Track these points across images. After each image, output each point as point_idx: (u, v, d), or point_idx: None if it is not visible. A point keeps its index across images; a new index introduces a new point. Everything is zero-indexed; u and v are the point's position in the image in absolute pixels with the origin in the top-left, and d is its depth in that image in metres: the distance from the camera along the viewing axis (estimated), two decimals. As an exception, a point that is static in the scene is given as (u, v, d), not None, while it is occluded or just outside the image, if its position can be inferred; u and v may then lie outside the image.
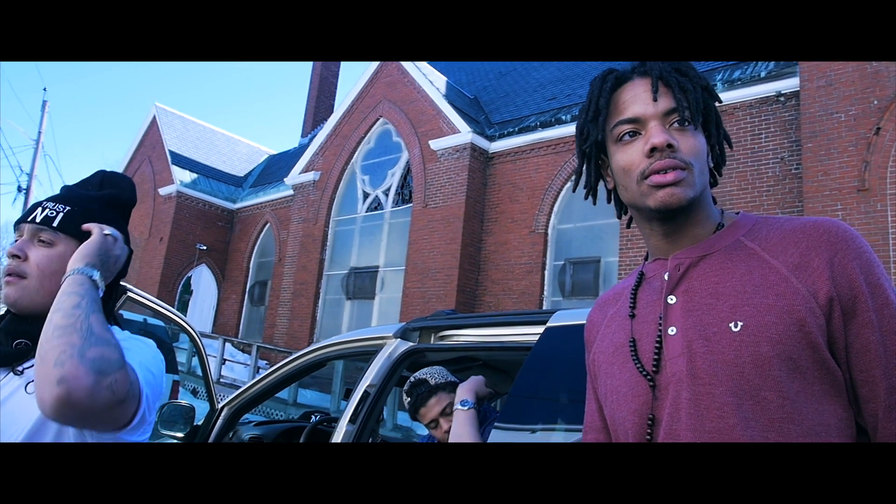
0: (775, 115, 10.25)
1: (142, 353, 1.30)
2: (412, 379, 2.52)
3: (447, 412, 2.43)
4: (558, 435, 1.78)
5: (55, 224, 1.33)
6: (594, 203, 1.22)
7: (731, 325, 0.94)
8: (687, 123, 1.03)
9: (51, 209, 1.35)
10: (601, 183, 1.19)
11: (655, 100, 1.04)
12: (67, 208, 1.35)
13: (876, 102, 8.61)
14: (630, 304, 1.12)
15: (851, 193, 8.59)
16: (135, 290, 2.66)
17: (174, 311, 3.07)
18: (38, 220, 1.33)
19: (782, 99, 10.19)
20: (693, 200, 1.03)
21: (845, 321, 0.93)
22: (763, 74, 10.34)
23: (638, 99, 1.05)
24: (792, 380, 0.90)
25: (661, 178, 1.01)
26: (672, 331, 1.01)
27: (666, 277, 1.06)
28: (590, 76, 14.14)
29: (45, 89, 24.66)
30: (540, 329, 2.02)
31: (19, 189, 21.79)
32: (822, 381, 0.91)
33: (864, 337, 0.92)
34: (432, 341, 2.57)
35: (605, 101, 1.09)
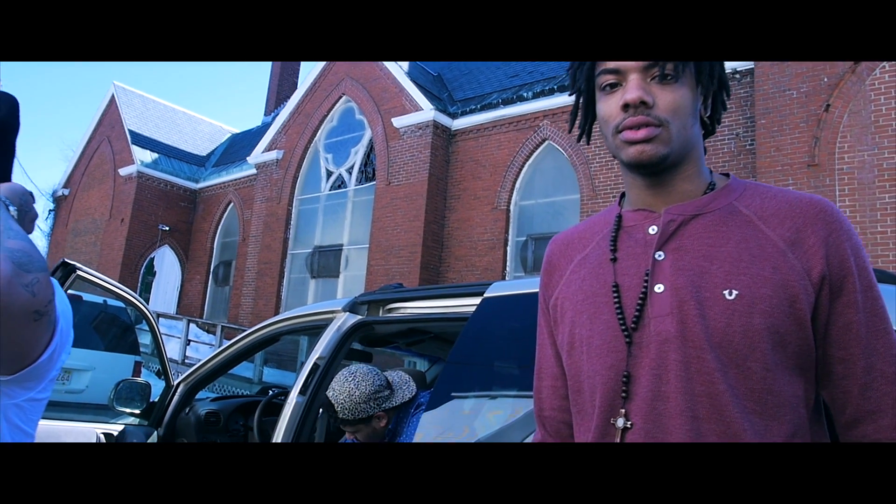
0: (731, 92, 10.42)
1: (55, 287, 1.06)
2: (327, 397, 2.50)
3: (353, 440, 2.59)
4: (493, 401, 1.87)
5: None
6: (587, 143, 1.16)
7: (726, 292, 0.93)
8: (669, 77, 0.99)
9: None
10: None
11: None
12: None
13: (826, 80, 8.82)
14: (611, 248, 1.07)
15: (802, 168, 8.81)
16: (83, 267, 2.67)
17: (123, 287, 3.08)
18: None
19: (738, 76, 10.38)
20: (667, 157, 1.00)
21: (831, 299, 0.94)
22: (719, 51, 10.51)
23: None
24: (775, 352, 0.92)
25: (632, 135, 0.99)
26: (659, 288, 0.98)
27: (651, 231, 1.03)
28: (551, 53, 14.21)
29: (-3, 66, 23.88)
30: (478, 300, 2.10)
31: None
32: (798, 356, 0.94)
33: (848, 316, 0.94)
34: (380, 314, 2.65)
35: None
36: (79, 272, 2.65)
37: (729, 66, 10.39)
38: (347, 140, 15.91)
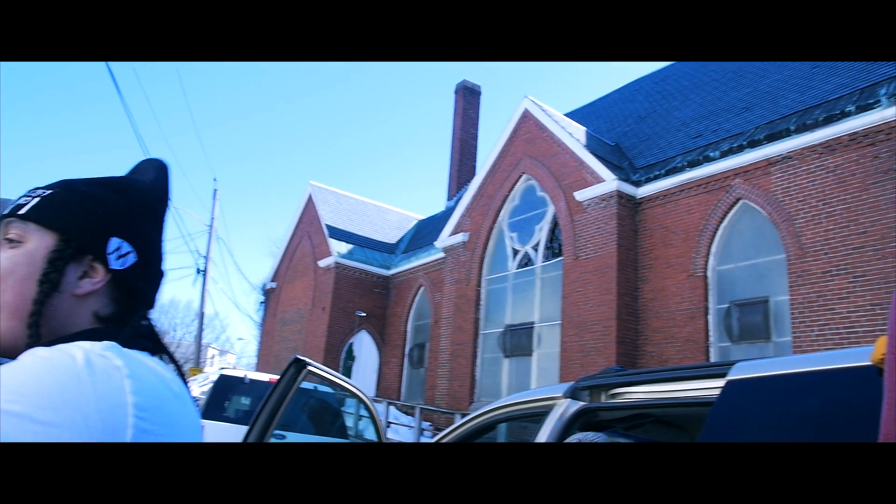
0: (955, 128, 9.36)
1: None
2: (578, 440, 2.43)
3: None
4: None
5: (23, 212, 0.93)
6: None
7: None
8: None
9: (27, 196, 0.96)
10: None
11: None
12: (49, 192, 0.96)
13: None
14: None
15: None
16: (314, 363, 2.83)
17: (346, 379, 3.21)
18: (6, 211, 0.95)
19: (882, 135, 9.30)
20: None
21: None
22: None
23: None
24: None
25: None
26: None
27: None
28: (735, 109, 13.62)
29: (215, 179, 26.99)
30: (718, 382, 1.93)
31: (198, 271, 23.80)
32: None
33: None
34: (603, 400, 2.52)
35: None
36: (309, 367, 2.80)
37: (875, 118, 9.36)
38: (531, 217, 16.05)
